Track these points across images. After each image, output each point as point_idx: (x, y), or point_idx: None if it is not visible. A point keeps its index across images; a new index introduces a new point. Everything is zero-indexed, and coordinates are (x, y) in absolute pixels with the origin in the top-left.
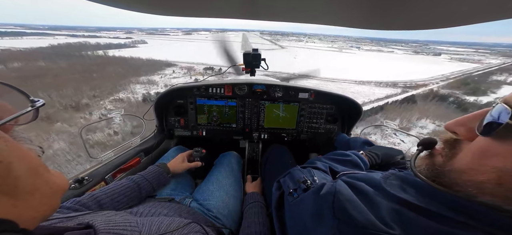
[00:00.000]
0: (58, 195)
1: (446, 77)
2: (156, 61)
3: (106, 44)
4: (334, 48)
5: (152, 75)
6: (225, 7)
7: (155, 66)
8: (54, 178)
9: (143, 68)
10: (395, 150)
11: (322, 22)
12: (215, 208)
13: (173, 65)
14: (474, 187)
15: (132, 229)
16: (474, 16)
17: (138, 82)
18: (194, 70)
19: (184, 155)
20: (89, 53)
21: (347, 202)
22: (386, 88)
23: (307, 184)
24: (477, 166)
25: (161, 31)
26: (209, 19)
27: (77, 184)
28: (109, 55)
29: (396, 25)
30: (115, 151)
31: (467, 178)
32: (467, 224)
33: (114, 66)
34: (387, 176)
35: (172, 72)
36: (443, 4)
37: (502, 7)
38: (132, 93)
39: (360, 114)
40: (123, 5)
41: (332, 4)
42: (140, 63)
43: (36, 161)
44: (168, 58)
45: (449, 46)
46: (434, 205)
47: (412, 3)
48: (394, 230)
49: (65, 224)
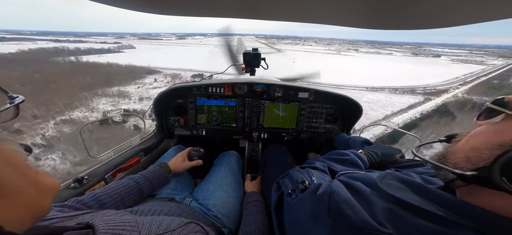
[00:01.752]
0: (47, 195)
1: (462, 80)
2: (136, 68)
3: (87, 49)
4: (332, 50)
5: (127, 85)
6: (225, 6)
7: (133, 74)
8: (43, 178)
9: (119, 76)
10: (394, 149)
11: (322, 22)
12: (215, 208)
13: (157, 72)
14: (452, 163)
15: (131, 228)
16: (474, 16)
17: (105, 95)
18: (180, 78)
19: (184, 154)
20: (60, 59)
21: (343, 202)
22: (404, 96)
23: (305, 185)
24: (463, 146)
25: (155, 36)
26: (205, 23)
27: (77, 183)
28: (82, 61)
29: (395, 25)
30: (114, 150)
31: (452, 158)
32: (458, 223)
33: (83, 74)
34: (383, 176)
35: (153, 80)
36: (442, 4)
37: (502, 7)
38: (91, 110)
39: (360, 113)
40: (120, 4)
41: (332, 4)
42: (116, 70)
43: (21, 161)
44: (153, 64)
45: (443, 47)
46: (427, 204)
47: (411, 3)
48: (387, 229)
49: (65, 223)
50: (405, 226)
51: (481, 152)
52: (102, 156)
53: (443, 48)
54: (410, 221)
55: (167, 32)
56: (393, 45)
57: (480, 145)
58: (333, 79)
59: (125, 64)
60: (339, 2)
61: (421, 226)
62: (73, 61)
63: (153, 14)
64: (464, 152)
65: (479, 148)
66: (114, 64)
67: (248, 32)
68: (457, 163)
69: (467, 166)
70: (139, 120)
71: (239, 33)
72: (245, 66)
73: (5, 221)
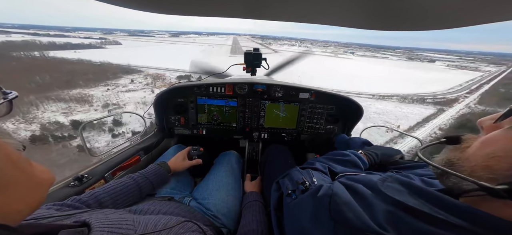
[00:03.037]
0: (43, 187)
1: (467, 88)
2: (113, 67)
3: (63, 44)
4: (329, 53)
5: (93, 87)
6: (225, 6)
7: (107, 74)
8: (38, 171)
9: (87, 76)
10: (394, 150)
11: (322, 22)
12: (214, 207)
13: (136, 72)
14: (468, 172)
15: (127, 227)
16: (473, 18)
17: (58, 99)
18: (163, 80)
19: (184, 153)
20: (22, 54)
21: (343, 205)
22: (415, 105)
23: (305, 186)
24: (479, 152)
25: (148, 33)
26: (200, 23)
27: (77, 181)
28: (47, 57)
29: (394, 26)
30: (115, 149)
31: (466, 165)
32: (461, 227)
33: (43, 72)
34: (384, 178)
35: (129, 81)
36: (441, 4)
37: (500, 8)
38: (27, 122)
39: (361, 114)
40: (121, 3)
41: (332, 4)
42: (86, 68)
43: (16, 154)
44: (135, 62)
45: (433, 52)
46: (427, 207)
47: (409, 4)
48: (388, 232)
49: (62, 222)
50: (405, 229)
51: (503, 161)
52: (102, 154)
53: (433, 53)
54: (411, 224)
55: (161, 29)
56: (387, 49)
57: (500, 152)
58: (334, 84)
59: (100, 61)
60: (339, 3)
61: (422, 229)
62: (36, 56)
63: (154, 13)
64: (481, 159)
65: (499, 156)
66: (86, 61)
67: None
68: (474, 171)
69: (486, 175)
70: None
71: (235, 33)
72: (246, 66)
73: (3, 214)
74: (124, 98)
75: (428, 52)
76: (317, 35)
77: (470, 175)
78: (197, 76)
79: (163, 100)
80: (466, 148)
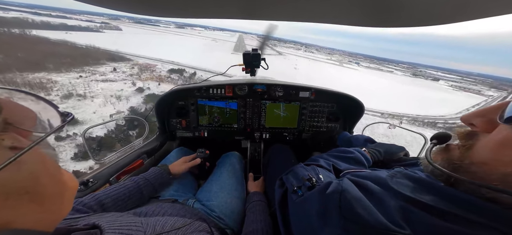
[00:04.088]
0: (72, 196)
1: None
2: (98, 52)
3: (58, 24)
4: (334, 61)
5: (64, 72)
6: (224, 6)
7: (88, 58)
8: (67, 179)
9: (64, 58)
10: (398, 146)
11: (320, 20)
12: (218, 208)
13: (123, 60)
14: (498, 180)
15: (137, 229)
16: (478, 11)
17: (8, 83)
18: (151, 72)
19: (186, 158)
20: (1, 30)
21: (354, 201)
22: (425, 129)
23: (312, 182)
24: (501, 157)
25: (154, 22)
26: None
27: (83, 186)
28: (28, 35)
29: (395, 22)
30: (118, 153)
31: (490, 170)
32: (479, 223)
33: (13, 51)
34: (393, 174)
35: (111, 70)
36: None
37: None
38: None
39: (362, 112)
40: (118, 7)
41: (332, 3)
42: (66, 51)
43: (56, 166)
44: (126, 50)
45: (436, 70)
46: (444, 203)
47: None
48: (404, 229)
49: (70, 225)
50: (420, 225)
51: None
52: (106, 159)
53: (436, 71)
54: (427, 221)
55: (168, 19)
56: (391, 63)
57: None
58: None
59: (86, 45)
60: (339, 1)
61: (439, 226)
62: (14, 34)
63: (152, 16)
64: (500, 165)
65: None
66: (70, 44)
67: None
68: (493, 180)
69: (505, 184)
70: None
71: (241, 31)
72: (245, 67)
73: (44, 223)
74: (95, 89)
75: (431, 69)
76: (322, 41)
77: (488, 183)
78: (191, 70)
79: (164, 104)
80: (464, 147)
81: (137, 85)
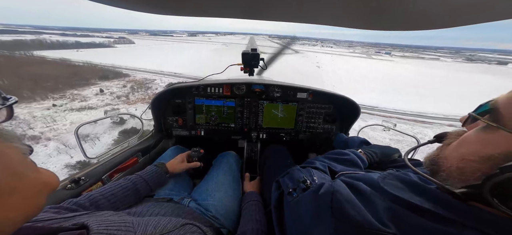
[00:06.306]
0: (43, 194)
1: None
2: (93, 69)
3: (73, 42)
4: (359, 53)
5: (39, 101)
6: (227, 7)
7: (77, 79)
8: (41, 176)
9: (46, 83)
10: (393, 148)
11: (323, 22)
12: (214, 208)
13: (120, 77)
14: (446, 173)
15: (126, 229)
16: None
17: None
18: (146, 89)
19: (183, 155)
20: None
21: (345, 202)
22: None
23: (306, 184)
24: (453, 153)
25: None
26: (217, 22)
27: (74, 184)
28: (17, 56)
29: (394, 25)
30: (112, 151)
31: (445, 164)
32: (461, 223)
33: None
34: (385, 176)
35: (97, 92)
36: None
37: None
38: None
39: (358, 113)
40: (124, 5)
41: (332, 4)
42: (55, 72)
43: (17, 160)
44: (126, 63)
45: (490, 53)
46: (427, 203)
47: (411, 4)
48: (389, 228)
49: (61, 224)
50: (406, 225)
51: (471, 164)
52: (99, 156)
53: (492, 54)
54: (412, 220)
55: (182, 29)
56: (427, 49)
57: (469, 155)
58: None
59: (83, 62)
60: (339, 3)
61: (423, 225)
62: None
63: (155, 14)
64: (455, 161)
65: (469, 159)
66: (66, 62)
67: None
68: (450, 173)
69: (460, 177)
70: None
71: (253, 32)
72: (243, 67)
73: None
74: (61, 125)
75: (483, 52)
76: (337, 35)
77: (447, 176)
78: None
79: (161, 101)
80: (447, 145)
81: (121, 110)
